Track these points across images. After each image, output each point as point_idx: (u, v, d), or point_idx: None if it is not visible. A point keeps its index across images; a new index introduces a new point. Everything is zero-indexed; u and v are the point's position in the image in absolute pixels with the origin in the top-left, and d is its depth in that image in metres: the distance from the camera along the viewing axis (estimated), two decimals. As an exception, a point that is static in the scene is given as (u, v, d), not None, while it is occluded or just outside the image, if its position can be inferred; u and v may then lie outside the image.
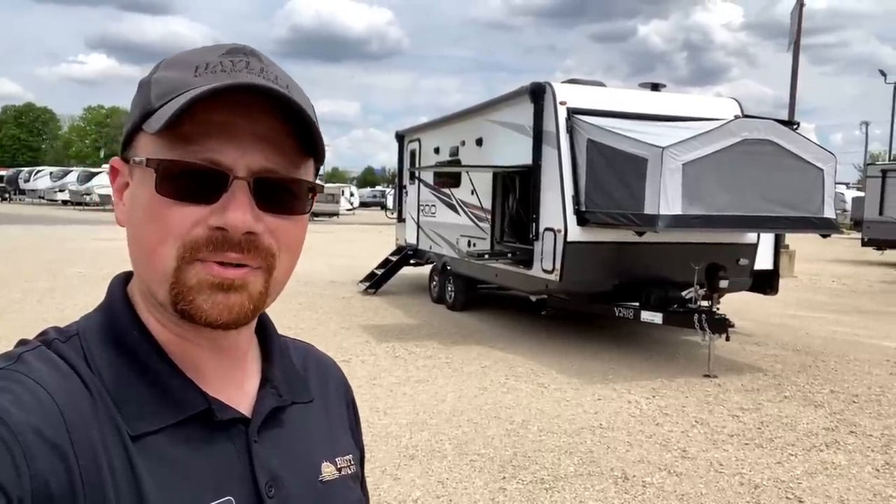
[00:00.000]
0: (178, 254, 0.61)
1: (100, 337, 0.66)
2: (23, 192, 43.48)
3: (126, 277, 0.72)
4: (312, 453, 0.74)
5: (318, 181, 0.71)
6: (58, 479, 0.55)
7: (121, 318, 0.67)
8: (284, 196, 0.64)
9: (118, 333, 0.66)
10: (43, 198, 40.77)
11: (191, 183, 0.61)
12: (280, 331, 0.81)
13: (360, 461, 0.83)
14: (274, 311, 0.74)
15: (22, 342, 0.65)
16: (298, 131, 0.64)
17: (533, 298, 8.00)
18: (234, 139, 0.61)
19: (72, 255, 14.57)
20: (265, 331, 0.77)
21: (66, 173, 40.47)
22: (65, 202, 37.99)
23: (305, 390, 0.78)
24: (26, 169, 45.77)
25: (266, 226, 0.63)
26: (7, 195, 45.06)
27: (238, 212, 0.61)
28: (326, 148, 0.68)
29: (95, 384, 0.62)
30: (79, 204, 35.83)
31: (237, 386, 0.71)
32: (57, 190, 39.06)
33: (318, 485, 0.73)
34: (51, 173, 41.25)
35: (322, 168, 0.70)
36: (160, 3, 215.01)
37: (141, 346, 0.66)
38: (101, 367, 0.64)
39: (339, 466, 0.76)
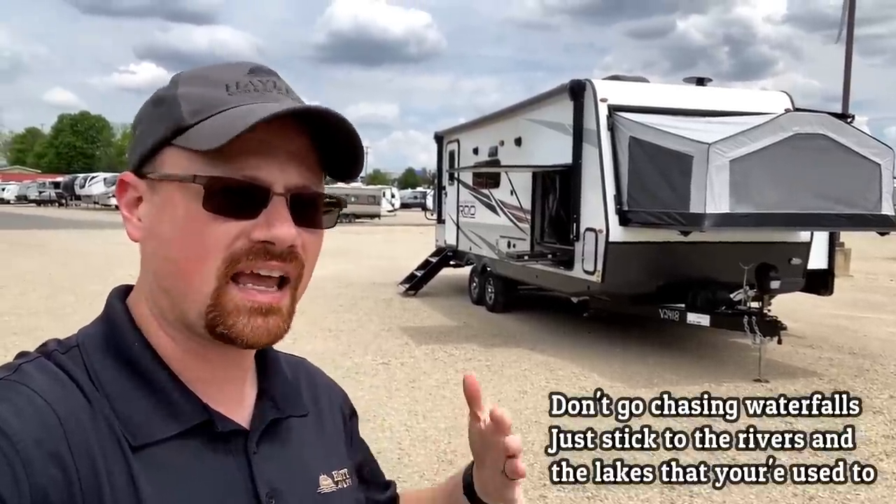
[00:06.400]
0: (220, 271, 0.62)
1: (100, 348, 0.66)
2: (78, 197, 45.22)
3: (125, 290, 0.72)
4: (310, 466, 0.75)
5: (358, 182, 0.70)
6: (57, 489, 0.55)
7: (122, 329, 0.67)
8: (314, 211, 0.67)
9: (119, 344, 0.66)
10: (97, 203, 42.31)
11: (234, 199, 0.62)
12: (321, 332, 0.79)
13: (367, 452, 0.89)
14: (315, 313, 0.72)
15: (22, 354, 0.65)
16: (322, 149, 0.67)
17: (574, 300, 7.87)
18: (272, 157, 0.63)
19: (122, 258, 15.01)
20: None
21: (118, 179, 41.86)
22: (118, 207, 39.20)
23: (300, 404, 0.78)
24: (81, 175, 47.63)
25: (301, 239, 0.65)
26: (63, 200, 46.90)
27: (285, 226, 0.63)
28: (367, 150, 0.70)
29: (95, 395, 0.62)
30: (131, 208, 36.96)
31: (236, 398, 0.71)
32: (111, 195, 40.38)
33: (317, 497, 0.73)
34: (105, 179, 42.73)
35: (363, 171, 0.71)
36: (205, 12, 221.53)
37: (142, 357, 0.66)
38: (102, 378, 0.64)
39: (335, 479, 0.76)
